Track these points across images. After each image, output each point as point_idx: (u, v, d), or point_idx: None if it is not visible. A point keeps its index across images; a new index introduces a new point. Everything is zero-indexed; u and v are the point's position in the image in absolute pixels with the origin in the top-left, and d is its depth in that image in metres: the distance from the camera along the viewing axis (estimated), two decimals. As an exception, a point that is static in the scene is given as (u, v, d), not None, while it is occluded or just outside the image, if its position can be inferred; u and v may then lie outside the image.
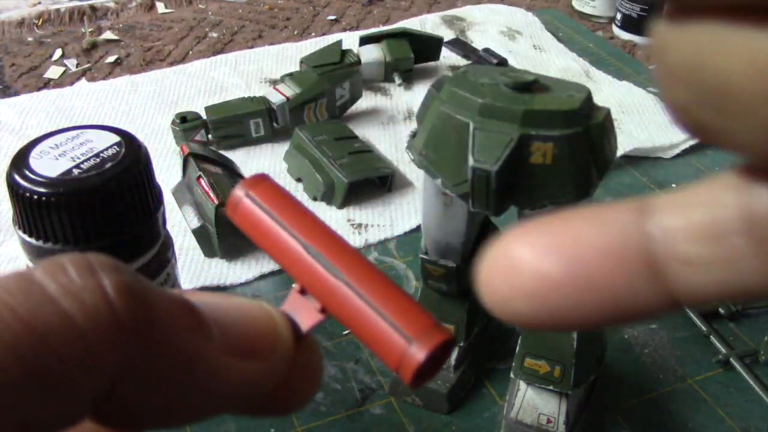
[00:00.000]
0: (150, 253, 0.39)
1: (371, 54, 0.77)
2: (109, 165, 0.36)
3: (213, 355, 0.16)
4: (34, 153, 0.36)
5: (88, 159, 0.36)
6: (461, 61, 0.82)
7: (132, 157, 0.37)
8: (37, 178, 0.34)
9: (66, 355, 0.13)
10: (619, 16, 0.90)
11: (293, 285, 0.19)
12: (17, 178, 0.35)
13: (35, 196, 0.34)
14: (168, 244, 0.41)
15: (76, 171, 0.34)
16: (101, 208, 0.35)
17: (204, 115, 0.67)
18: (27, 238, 0.36)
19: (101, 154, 0.36)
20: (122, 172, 0.36)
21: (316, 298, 0.19)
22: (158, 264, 0.39)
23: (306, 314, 0.19)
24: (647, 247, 0.14)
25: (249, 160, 0.66)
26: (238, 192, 0.19)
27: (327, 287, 0.18)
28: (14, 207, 0.35)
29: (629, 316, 0.15)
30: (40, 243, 0.36)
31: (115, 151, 0.36)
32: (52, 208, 0.34)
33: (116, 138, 0.37)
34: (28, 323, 0.13)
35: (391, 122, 0.72)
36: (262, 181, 0.19)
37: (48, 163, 0.35)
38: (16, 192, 0.35)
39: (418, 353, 0.17)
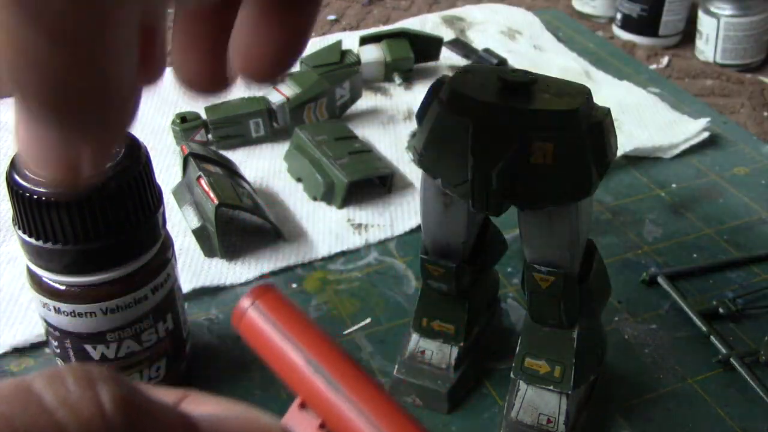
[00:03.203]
0: (150, 253, 0.39)
1: (371, 54, 0.77)
2: (108, 165, 0.36)
3: None
4: None
5: None
6: (461, 61, 0.82)
7: (132, 157, 0.37)
8: (37, 178, 0.34)
9: None
10: (619, 16, 0.90)
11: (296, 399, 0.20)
12: (17, 177, 0.35)
13: (35, 196, 0.34)
14: (168, 244, 0.41)
15: None
16: (101, 208, 0.35)
17: (204, 115, 0.67)
18: (27, 238, 0.36)
19: None
20: (122, 173, 0.36)
21: (316, 413, 0.19)
22: (158, 264, 0.39)
23: (305, 429, 0.19)
24: None
25: (249, 160, 0.66)
26: (245, 302, 0.20)
27: (327, 403, 0.19)
28: (14, 207, 0.35)
29: None
30: (40, 243, 0.36)
31: (115, 151, 0.36)
32: (51, 208, 0.34)
33: None
34: None
35: (391, 122, 0.72)
36: (267, 291, 0.20)
37: None
38: (15, 192, 0.35)
39: None
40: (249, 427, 0.18)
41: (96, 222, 0.35)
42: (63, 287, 0.37)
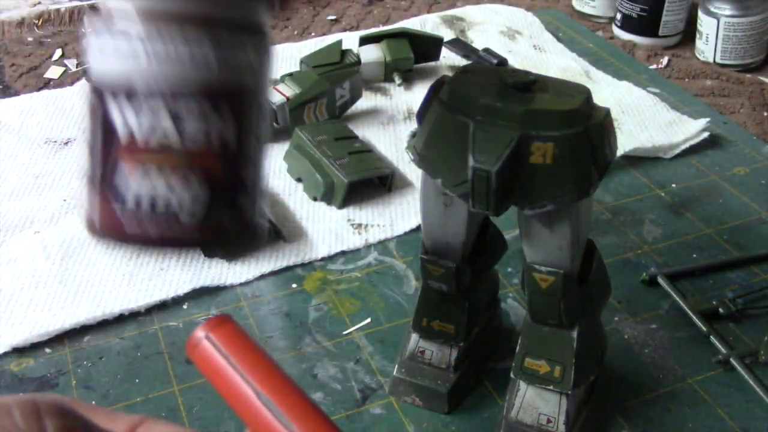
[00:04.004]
0: None
1: (371, 54, 0.77)
2: None
3: None
4: None
5: None
6: (461, 61, 0.82)
7: None
8: None
9: None
10: (619, 16, 0.90)
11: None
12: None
13: None
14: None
15: None
16: None
17: (204, 115, 0.67)
18: None
19: None
20: None
21: None
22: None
23: None
24: None
25: (249, 160, 0.66)
26: (199, 333, 0.20)
27: None
28: None
29: None
30: None
31: None
32: None
33: None
34: None
35: (391, 122, 0.72)
36: (222, 323, 0.20)
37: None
38: None
39: None
40: None
41: None
42: None
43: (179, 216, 0.27)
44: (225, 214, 0.29)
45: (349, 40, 0.80)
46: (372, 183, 0.63)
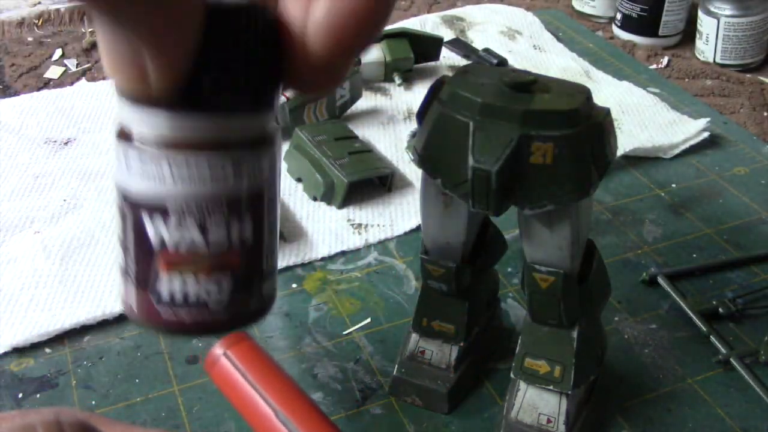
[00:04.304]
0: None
1: (371, 54, 0.77)
2: None
3: None
4: None
5: None
6: (461, 61, 0.82)
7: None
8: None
9: None
10: (619, 16, 0.90)
11: None
12: None
13: None
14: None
15: None
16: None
17: (204, 115, 0.67)
18: None
19: None
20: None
21: None
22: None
23: None
24: None
25: (249, 160, 0.66)
26: (217, 351, 0.20)
27: None
28: None
29: None
30: None
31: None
32: None
33: None
34: None
35: (391, 122, 0.72)
36: (240, 341, 0.20)
37: None
38: None
39: None
40: None
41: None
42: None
43: (209, 305, 0.32)
44: (247, 299, 0.33)
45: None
46: (372, 183, 0.63)
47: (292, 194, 0.63)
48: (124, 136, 0.30)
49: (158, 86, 0.19)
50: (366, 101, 0.74)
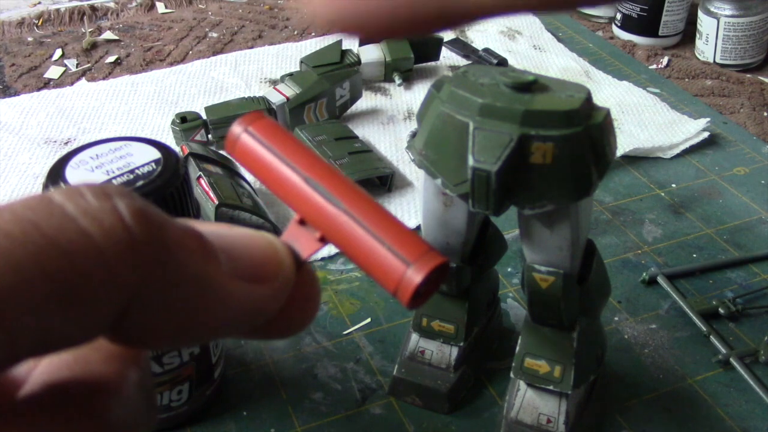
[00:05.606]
0: None
1: (371, 54, 0.77)
2: (140, 183, 0.35)
3: (222, 278, 0.17)
4: (73, 162, 0.36)
5: (122, 174, 0.35)
6: (461, 61, 0.82)
7: (166, 177, 0.36)
8: None
9: (86, 271, 0.14)
10: (619, 16, 0.90)
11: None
12: (51, 189, 0.35)
13: None
14: None
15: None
16: None
17: (204, 115, 0.67)
18: None
19: (136, 171, 0.35)
20: (152, 192, 0.35)
21: (316, 228, 0.19)
22: None
23: (305, 243, 0.20)
24: None
25: (249, 160, 0.66)
26: (236, 128, 0.20)
27: (326, 216, 0.19)
28: None
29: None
30: None
31: (150, 169, 0.36)
32: None
33: (157, 155, 0.36)
34: (51, 239, 0.14)
35: (391, 122, 0.72)
36: (259, 117, 0.20)
37: (83, 174, 0.35)
38: None
39: (416, 275, 0.18)
40: (253, 242, 0.18)
41: None
42: None
43: (178, 409, 0.43)
44: (207, 388, 0.44)
45: (349, 40, 0.80)
46: (372, 183, 0.63)
47: (292, 194, 0.63)
48: None
49: (352, 19, 0.21)
50: (366, 101, 0.74)
